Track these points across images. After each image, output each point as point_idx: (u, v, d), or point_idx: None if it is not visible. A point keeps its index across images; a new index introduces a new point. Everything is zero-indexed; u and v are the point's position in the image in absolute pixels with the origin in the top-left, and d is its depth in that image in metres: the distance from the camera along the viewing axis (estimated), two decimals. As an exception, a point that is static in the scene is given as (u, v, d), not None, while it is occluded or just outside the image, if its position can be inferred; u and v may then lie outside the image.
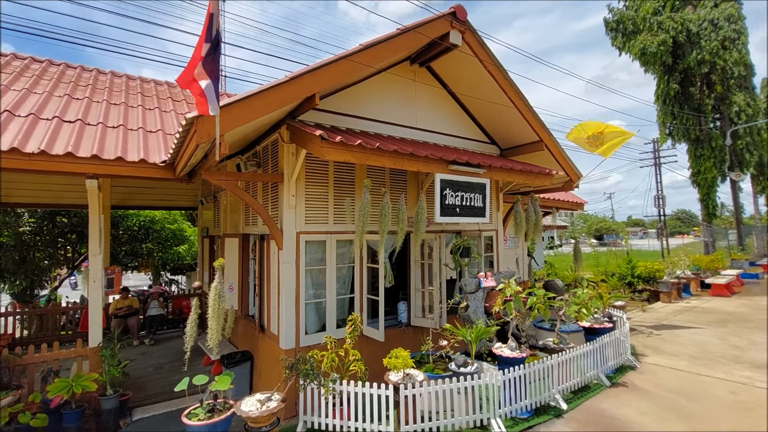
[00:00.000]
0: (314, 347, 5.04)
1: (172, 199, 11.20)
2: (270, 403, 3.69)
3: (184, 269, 13.74)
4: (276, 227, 5.29)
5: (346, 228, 5.84)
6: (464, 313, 5.52)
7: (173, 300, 10.38)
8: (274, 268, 5.56)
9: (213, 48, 3.62)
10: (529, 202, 7.27)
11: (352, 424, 4.22)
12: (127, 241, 11.63)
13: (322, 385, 3.83)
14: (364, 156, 4.81)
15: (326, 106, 5.72)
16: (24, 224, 9.97)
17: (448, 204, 5.53)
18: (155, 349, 8.54)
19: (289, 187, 5.31)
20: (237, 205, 7.42)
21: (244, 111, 4.24)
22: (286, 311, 5.13)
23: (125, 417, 5.36)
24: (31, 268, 10.08)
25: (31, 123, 5.37)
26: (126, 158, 5.27)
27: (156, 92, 8.79)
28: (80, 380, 4.98)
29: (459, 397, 4.24)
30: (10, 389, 4.88)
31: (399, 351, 4.27)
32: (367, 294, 5.84)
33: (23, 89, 6.50)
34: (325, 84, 4.90)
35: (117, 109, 6.98)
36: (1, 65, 7.02)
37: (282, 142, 5.37)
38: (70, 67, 8.66)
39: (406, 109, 6.65)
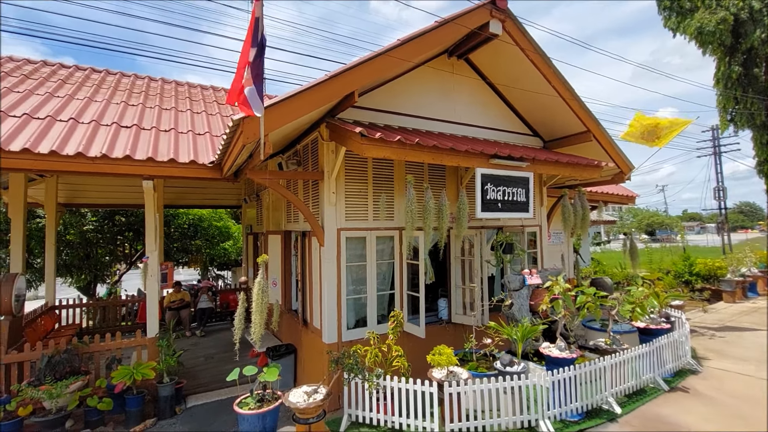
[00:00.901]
0: (356, 342, 5.09)
1: (218, 198, 11.74)
2: (316, 395, 3.77)
3: (230, 265, 14.37)
4: (317, 224, 5.39)
5: (385, 224, 5.84)
6: (508, 311, 5.36)
7: (220, 294, 10.89)
8: (315, 264, 5.68)
9: (259, 51, 3.71)
10: (576, 196, 6.93)
11: (396, 419, 4.23)
12: (178, 239, 12.33)
13: (367, 380, 3.87)
14: (403, 152, 4.78)
15: (364, 104, 5.74)
16: (87, 223, 10.82)
17: (489, 199, 5.39)
18: (205, 340, 9.01)
19: (329, 185, 5.38)
20: (279, 203, 7.63)
21: (286, 110, 4.34)
22: (328, 306, 5.22)
23: (180, 404, 5.68)
24: (94, 263, 10.93)
25: (93, 129, 5.79)
26: (178, 160, 5.56)
27: (202, 96, 9.22)
28: (140, 368, 5.34)
29: (505, 397, 4.14)
30: (80, 374, 5.31)
31: (442, 348, 4.23)
32: (407, 290, 5.82)
33: (85, 98, 7.03)
34: (364, 81, 4.91)
35: (168, 114, 7.38)
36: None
37: (322, 141, 5.45)
38: (125, 75, 9.26)
39: (444, 103, 6.54)
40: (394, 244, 5.90)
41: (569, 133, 7.29)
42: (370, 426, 4.36)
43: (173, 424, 5.26)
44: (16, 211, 7.25)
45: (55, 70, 8.30)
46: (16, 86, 6.79)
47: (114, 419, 5.25)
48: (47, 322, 7.78)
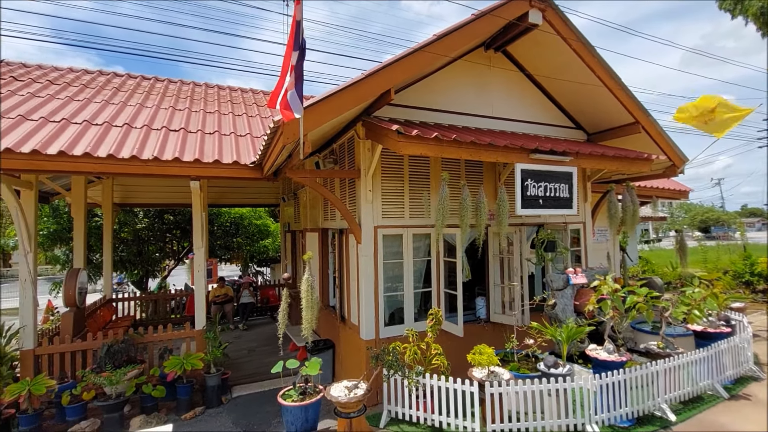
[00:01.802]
0: (393, 339, 5.11)
1: (257, 197, 12.16)
2: (357, 390, 3.83)
3: (269, 261, 14.85)
4: (354, 222, 5.45)
5: (421, 222, 5.82)
6: (551, 311, 5.18)
7: (261, 290, 11.29)
8: (353, 261, 5.75)
9: (300, 54, 3.79)
10: (624, 191, 6.57)
11: (436, 417, 4.21)
12: (221, 236, 12.90)
13: (407, 377, 3.88)
14: (440, 149, 4.73)
15: (399, 101, 5.73)
16: (140, 222, 11.54)
17: (529, 195, 5.23)
18: (247, 333, 9.38)
19: (365, 183, 5.42)
20: (316, 201, 7.79)
21: (324, 110, 4.40)
22: (365, 303, 5.27)
23: (226, 393, 5.94)
24: (146, 259, 11.65)
25: (145, 133, 6.15)
26: (222, 161, 5.80)
27: (242, 99, 9.56)
28: (190, 358, 5.63)
29: (550, 400, 4.01)
30: (136, 363, 5.69)
31: (483, 347, 4.16)
32: (444, 288, 5.77)
33: (137, 104, 7.48)
34: (400, 78, 4.89)
35: (212, 117, 7.71)
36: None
37: (358, 139, 5.49)
38: (171, 81, 9.77)
39: (481, 97, 6.40)
40: (430, 241, 5.86)
41: (615, 125, 6.93)
42: (410, 423, 4.37)
43: (220, 413, 5.51)
44: (78, 211, 7.86)
45: (109, 79, 8.89)
46: (76, 95, 7.33)
47: (167, 406, 5.57)
48: (105, 314, 8.39)
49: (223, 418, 5.35)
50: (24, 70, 8.25)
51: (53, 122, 5.83)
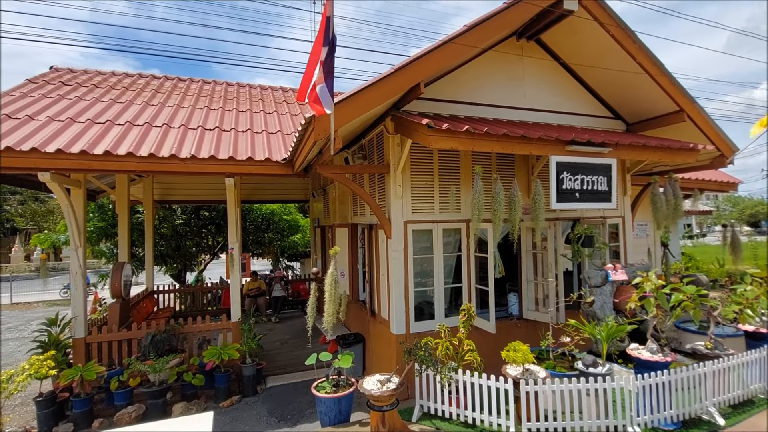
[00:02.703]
0: (424, 334, 5.08)
1: (287, 193, 12.41)
2: (389, 384, 3.85)
3: (299, 256, 15.16)
4: (384, 217, 5.45)
5: (451, 216, 5.75)
6: (588, 308, 5.01)
7: (292, 284, 11.54)
8: (382, 256, 5.76)
9: (330, 50, 3.81)
10: (667, 184, 6.23)
11: (469, 413, 4.17)
12: (252, 232, 13.27)
13: (439, 372, 3.86)
14: (471, 142, 4.64)
15: (428, 95, 5.66)
16: (178, 218, 12.04)
17: (565, 189, 5.05)
18: (279, 326, 9.62)
19: (395, 177, 5.41)
20: (345, 197, 7.85)
21: (354, 106, 4.41)
22: (395, 298, 5.28)
23: (261, 383, 6.13)
24: (184, 254, 12.16)
25: (182, 133, 6.39)
26: (254, 158, 5.95)
27: (273, 97, 9.75)
28: (227, 349, 5.84)
29: (588, 399, 3.88)
30: (177, 352, 5.96)
31: (518, 344, 4.07)
32: (476, 284, 5.69)
33: (174, 105, 7.77)
34: (430, 71, 4.84)
35: (244, 116, 7.91)
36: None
37: (387, 134, 5.48)
38: (206, 82, 10.09)
39: (512, 88, 6.23)
40: (461, 236, 5.79)
41: (658, 114, 6.57)
42: (443, 418, 4.35)
43: (255, 402, 5.70)
44: (122, 208, 8.28)
45: (148, 81, 9.28)
46: (118, 97, 7.70)
47: (206, 394, 5.81)
48: (148, 305, 8.83)
49: (258, 407, 5.53)
50: (71, 75, 8.75)
51: (98, 124, 6.15)
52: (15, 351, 9.37)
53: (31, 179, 6.41)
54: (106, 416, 5.31)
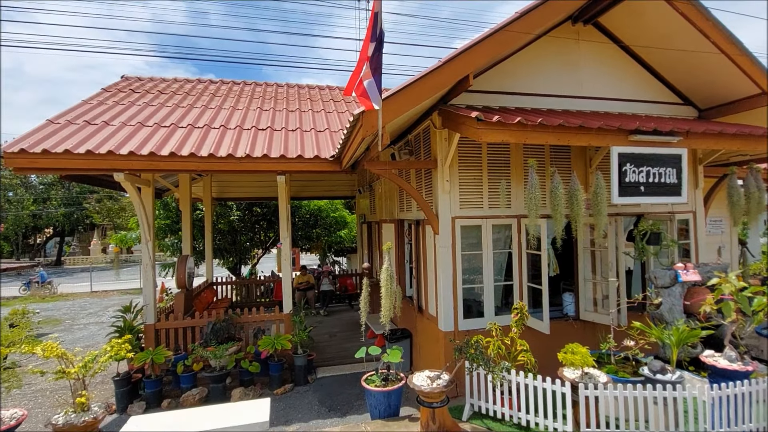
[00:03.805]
0: (473, 332, 4.99)
1: (334, 190, 12.69)
2: (439, 381, 3.83)
3: (345, 251, 15.48)
4: (431, 212, 5.40)
5: (501, 212, 5.57)
6: (655, 310, 4.65)
7: (340, 278, 11.82)
8: (430, 253, 5.72)
9: (378, 46, 3.83)
10: (748, 175, 5.61)
11: (523, 415, 4.04)
12: (301, 227, 13.74)
13: (492, 371, 3.78)
14: (524, 134, 4.46)
15: (476, 87, 5.48)
16: (233, 214, 12.74)
17: (628, 182, 4.71)
18: (328, 319, 9.90)
19: (442, 173, 5.33)
20: (391, 193, 7.88)
21: (402, 101, 4.39)
22: (443, 294, 5.22)
23: (311, 374, 6.35)
24: (239, 248, 12.86)
25: (237, 134, 6.73)
26: (304, 156, 6.13)
27: (320, 96, 9.98)
28: (279, 339, 6.10)
29: (656, 408, 3.61)
30: (235, 341, 6.31)
31: (576, 346, 3.87)
32: (528, 282, 5.48)
33: (230, 107, 8.19)
34: (479, 63, 4.70)
35: (294, 115, 8.17)
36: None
37: (434, 129, 5.41)
38: (258, 84, 10.54)
39: (567, 76, 5.89)
40: (511, 232, 5.60)
41: (735, 98, 5.93)
42: (494, 419, 4.26)
43: (307, 391, 5.91)
44: (185, 205, 8.90)
45: (206, 86, 9.86)
46: (180, 102, 8.25)
47: (261, 381, 6.11)
48: (208, 296, 9.44)
49: (310, 396, 5.73)
50: (139, 83, 9.50)
51: (164, 127, 6.63)
52: (95, 334, 10.42)
53: (107, 179, 7.05)
54: (173, 397, 5.76)
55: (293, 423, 4.97)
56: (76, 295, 17.85)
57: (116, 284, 20.07)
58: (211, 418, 3.54)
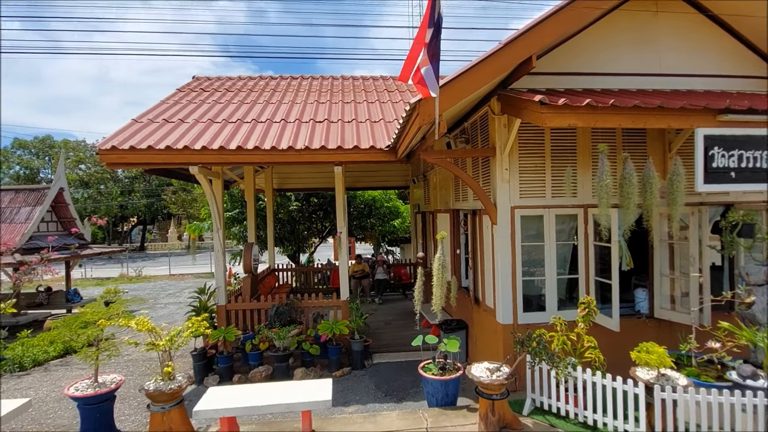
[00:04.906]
0: (533, 326, 4.81)
1: (388, 180, 12.77)
2: (499, 373, 3.76)
3: (399, 241, 15.61)
4: (489, 202, 5.25)
5: (566, 201, 5.27)
6: (746, 310, 4.16)
7: (393, 268, 11.97)
8: (487, 243, 5.58)
9: (435, 32, 3.76)
10: None
11: (590, 414, 3.85)
12: (356, 217, 14.06)
13: (556, 367, 3.63)
14: (593, 117, 4.15)
15: (538, 68, 5.14)
16: (292, 204, 13.34)
17: (716, 167, 4.22)
18: (382, 307, 10.09)
19: (501, 161, 5.15)
20: (446, 182, 7.77)
21: (460, 87, 4.29)
22: (502, 286, 5.08)
23: (368, 359, 6.54)
24: (297, 237, 13.47)
25: (297, 127, 6.99)
26: (360, 146, 6.23)
27: (374, 87, 10.03)
28: (337, 324, 6.33)
29: (744, 417, 3.26)
30: (296, 324, 6.66)
31: (652, 345, 3.59)
32: (595, 276, 5.15)
33: (290, 101, 8.52)
34: (543, 43, 4.46)
35: (349, 107, 8.31)
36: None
37: (492, 115, 5.22)
38: (314, 78, 10.85)
39: (642, 52, 5.37)
40: (577, 223, 5.28)
41: None
42: (558, 416, 4.10)
43: (363, 376, 6.11)
44: (249, 195, 9.47)
45: (267, 82, 10.33)
46: (245, 99, 8.73)
47: (320, 363, 6.41)
48: (270, 281, 10.03)
49: (366, 380, 5.91)
50: (208, 82, 10.19)
51: (231, 123, 7.07)
52: (174, 313, 11.54)
53: (183, 172, 7.69)
54: (242, 373, 6.24)
55: (351, 404, 5.17)
56: (157, 278, 19.87)
57: (191, 268, 21.99)
58: (280, 393, 3.79)
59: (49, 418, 5.18)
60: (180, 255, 30.25)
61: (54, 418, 5.20)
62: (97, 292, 13.85)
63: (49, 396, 5.89)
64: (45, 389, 6.19)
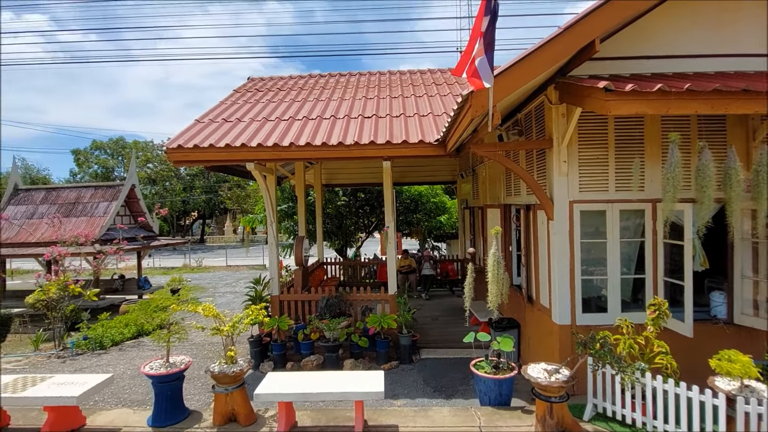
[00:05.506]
0: (593, 328, 4.55)
1: (435, 175, 12.65)
2: (558, 375, 3.60)
3: (445, 237, 15.43)
4: (545, 196, 5.02)
5: (631, 196, 4.90)
6: None
7: (440, 263, 11.85)
8: (542, 240, 5.35)
9: (492, 19, 3.63)
10: None
11: (660, 424, 3.57)
12: (402, 212, 14.06)
13: (623, 372, 3.39)
14: (666, 104, 3.81)
15: (600, 53, 4.83)
16: (340, 199, 13.62)
17: (816, 156, 3.72)
18: (429, 303, 10.04)
19: (559, 153, 4.89)
20: (496, 177, 7.53)
21: (515, 76, 4.11)
22: (558, 285, 4.84)
23: (415, 354, 6.53)
24: (345, 231, 13.74)
25: (346, 123, 7.09)
26: (409, 141, 6.20)
27: (422, 81, 9.93)
28: (386, 318, 6.39)
29: None
30: (345, 316, 6.81)
31: (735, 354, 3.25)
32: (664, 276, 4.76)
33: (338, 98, 8.67)
34: (607, 25, 4.16)
35: (397, 101, 8.30)
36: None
37: (549, 104, 4.97)
38: (362, 74, 10.95)
39: (721, 29, 4.83)
40: (644, 219, 4.90)
41: None
42: (622, 423, 3.85)
43: (411, 370, 6.12)
44: (300, 190, 9.78)
45: (317, 80, 10.58)
46: (295, 97, 9.01)
47: (369, 355, 6.51)
48: (320, 274, 10.33)
49: (414, 375, 5.92)
50: (262, 82, 10.62)
51: (284, 120, 7.32)
52: (231, 302, 12.25)
53: (241, 168, 8.10)
54: (294, 361, 6.49)
55: (400, 398, 5.20)
56: (215, 268, 21.21)
57: (245, 260, 23.23)
58: (333, 381, 3.90)
59: (125, 393, 5.72)
60: (235, 247, 32.04)
61: (129, 393, 5.73)
62: (163, 281, 15.06)
63: (125, 373, 6.49)
64: (122, 367, 6.83)
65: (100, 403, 5.33)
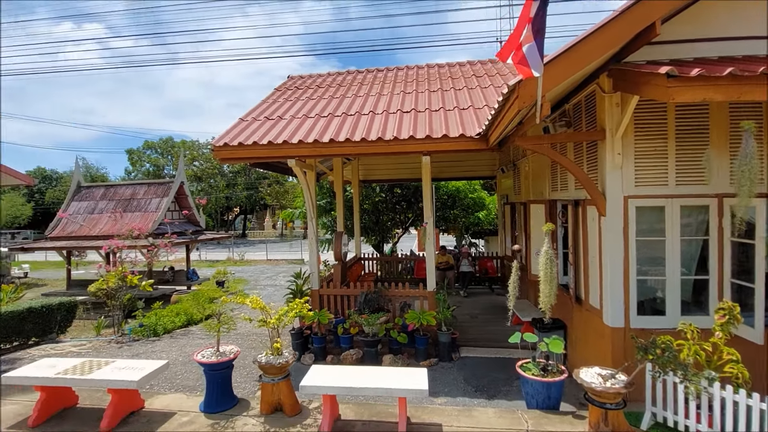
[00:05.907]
0: (650, 331, 4.26)
1: (473, 170, 12.36)
2: (614, 380, 3.40)
3: (483, 233, 15.09)
4: (597, 191, 4.74)
5: (694, 190, 4.53)
6: None
7: (479, 260, 11.61)
8: (592, 237, 5.07)
9: (542, 4, 3.45)
10: None
11: (730, 439, 3.28)
12: (439, 208, 13.90)
13: (689, 380, 3.14)
14: (737, 89, 3.47)
15: (658, 38, 4.49)
16: (377, 195, 13.67)
17: None
18: (467, 300, 9.86)
19: (612, 145, 4.60)
20: (540, 171, 7.24)
21: (566, 64, 3.90)
22: (611, 286, 4.58)
23: (455, 352, 6.44)
24: (381, 227, 13.77)
25: (384, 118, 7.06)
26: (449, 135, 6.08)
27: (461, 73, 9.70)
28: (424, 314, 6.33)
29: None
30: (384, 311, 6.81)
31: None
32: (731, 278, 4.37)
33: (376, 94, 8.65)
34: (670, 6, 3.84)
35: (436, 95, 8.15)
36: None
37: (602, 93, 4.68)
38: (399, 69, 10.86)
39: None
40: (708, 216, 4.52)
41: None
42: (685, 435, 3.58)
43: (451, 368, 6.03)
44: (338, 187, 9.89)
45: (354, 76, 10.62)
46: (334, 94, 9.07)
47: (407, 352, 6.48)
48: (357, 269, 10.41)
49: (454, 373, 5.83)
50: (301, 80, 10.81)
51: (323, 117, 7.41)
52: (272, 294, 12.65)
53: (282, 165, 8.30)
54: (334, 354, 6.59)
55: (440, 396, 5.14)
56: (256, 262, 22.01)
57: (285, 254, 23.95)
58: (376, 377, 3.91)
59: (177, 379, 6.05)
60: (275, 242, 33.11)
61: (182, 379, 6.06)
62: (209, 273, 15.83)
63: (177, 360, 6.87)
64: (174, 353, 7.23)
65: (156, 387, 5.67)
